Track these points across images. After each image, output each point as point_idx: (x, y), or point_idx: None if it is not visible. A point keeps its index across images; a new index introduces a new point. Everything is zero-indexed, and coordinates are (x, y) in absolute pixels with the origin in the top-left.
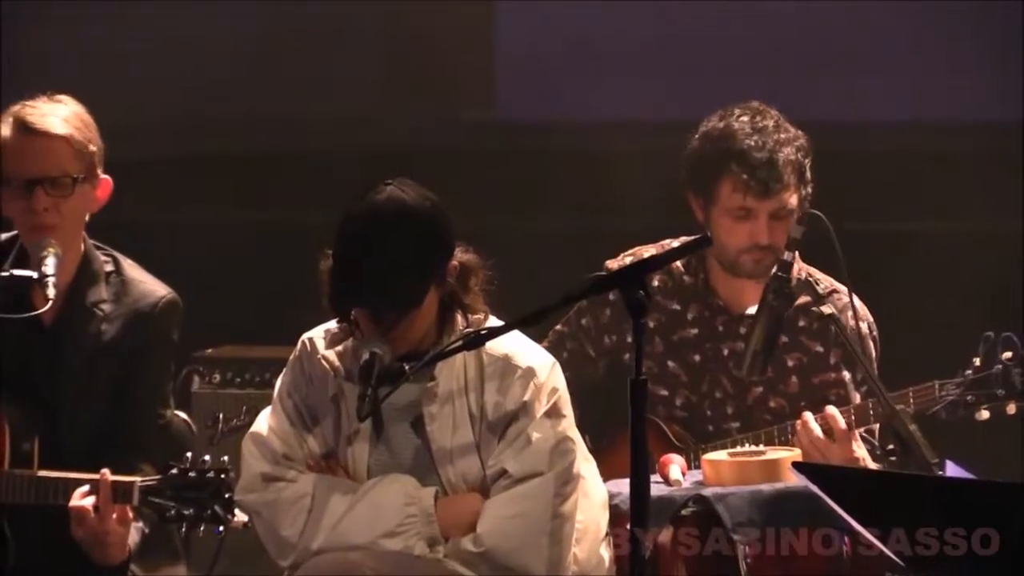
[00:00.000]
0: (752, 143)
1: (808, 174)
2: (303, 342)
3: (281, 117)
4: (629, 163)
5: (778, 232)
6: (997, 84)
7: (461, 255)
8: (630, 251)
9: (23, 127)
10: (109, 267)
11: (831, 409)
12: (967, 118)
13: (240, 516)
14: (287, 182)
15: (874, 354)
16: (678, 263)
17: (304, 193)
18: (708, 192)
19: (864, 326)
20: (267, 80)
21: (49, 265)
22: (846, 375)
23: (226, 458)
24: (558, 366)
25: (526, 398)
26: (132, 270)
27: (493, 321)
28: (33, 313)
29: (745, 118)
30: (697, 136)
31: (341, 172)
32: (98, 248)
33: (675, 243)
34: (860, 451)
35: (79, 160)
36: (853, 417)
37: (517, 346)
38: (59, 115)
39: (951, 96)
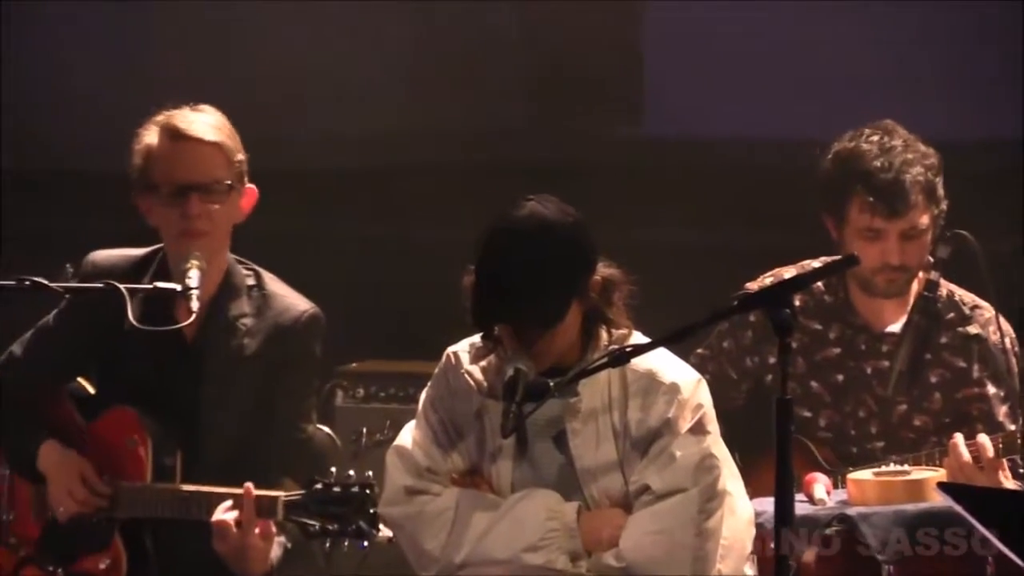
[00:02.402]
0: (879, 164)
1: (940, 192)
2: (448, 356)
3: (429, 132)
4: (773, 180)
5: (910, 252)
6: None
7: (604, 269)
8: (770, 272)
9: (174, 133)
10: (251, 281)
11: (982, 438)
12: None
13: (385, 531)
14: (432, 197)
15: (1016, 369)
16: (819, 283)
17: (449, 208)
18: (839, 213)
19: (1007, 341)
20: (415, 95)
21: (193, 278)
22: (990, 390)
23: (370, 473)
24: (703, 383)
25: (670, 415)
26: (274, 284)
27: (637, 336)
28: (176, 326)
29: (874, 138)
30: (829, 156)
31: (486, 187)
32: (239, 262)
33: (816, 263)
34: (1007, 483)
35: (230, 167)
36: (1001, 445)
37: (662, 362)
38: (208, 122)
39: None
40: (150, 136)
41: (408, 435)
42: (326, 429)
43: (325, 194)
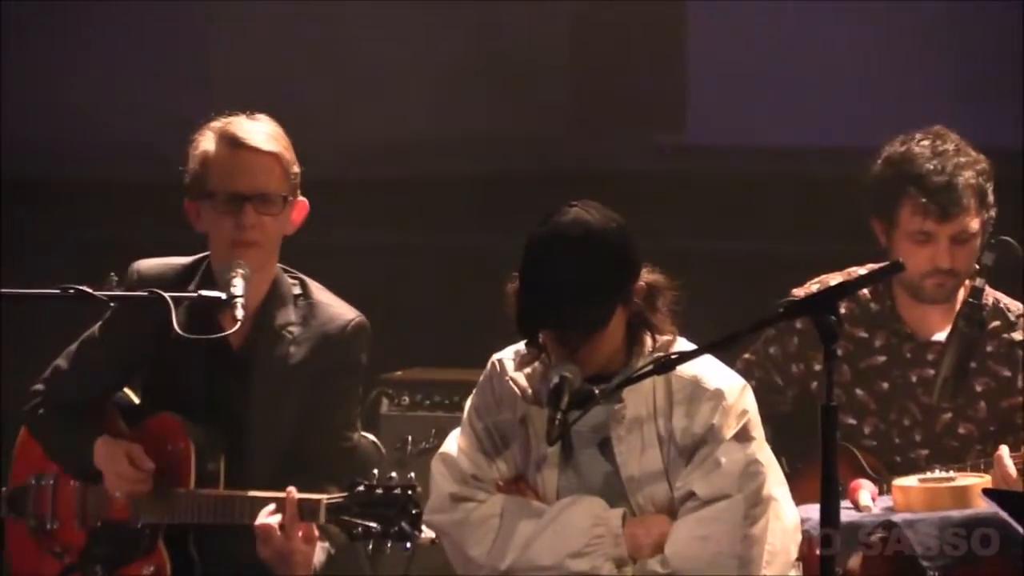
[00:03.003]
0: (931, 167)
1: (990, 198)
2: (493, 363)
3: (469, 139)
4: (816, 187)
5: (960, 256)
6: None
7: (648, 275)
8: (816, 279)
9: (233, 141)
10: (297, 290)
11: None
12: None
13: (428, 532)
14: (477, 205)
15: None
16: (864, 290)
17: (493, 215)
18: (889, 216)
19: None
20: (460, 103)
21: (237, 286)
22: None
23: (413, 474)
24: (748, 389)
25: (714, 421)
26: (320, 293)
27: (681, 342)
28: (222, 334)
29: (926, 142)
30: (879, 161)
31: (530, 195)
32: (285, 271)
33: (861, 270)
34: None
35: (286, 179)
36: None
37: (707, 369)
38: (267, 132)
39: None
40: (207, 142)
41: (453, 442)
42: (371, 437)
43: (371, 203)
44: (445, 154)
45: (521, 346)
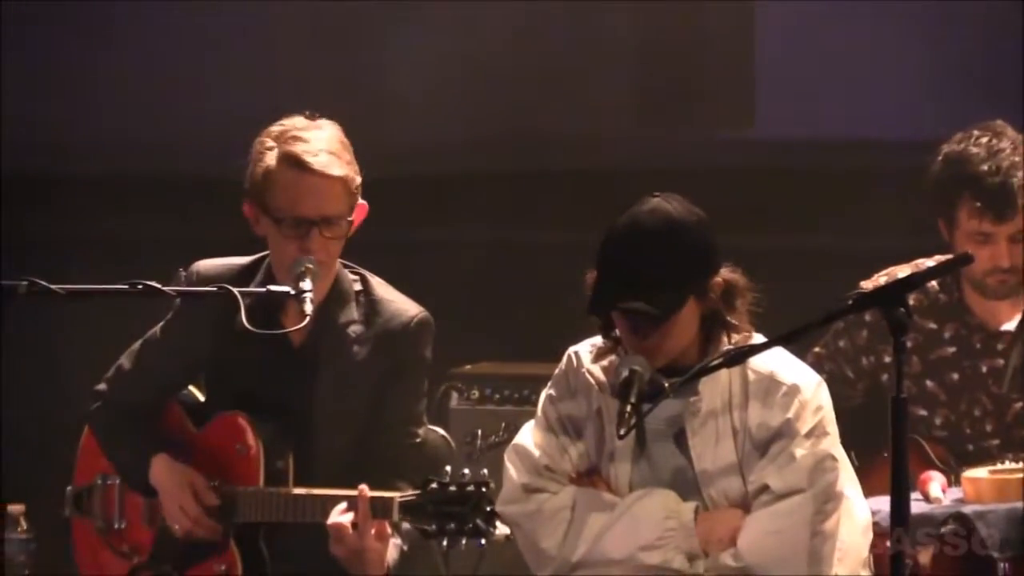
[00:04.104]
0: (986, 168)
1: None
2: (569, 355)
3: (543, 136)
4: (885, 181)
5: (1019, 254)
6: None
7: (727, 273)
8: (884, 271)
9: (298, 163)
10: (358, 286)
11: None
12: None
13: (502, 529)
14: (547, 200)
15: None
16: (933, 282)
17: (564, 211)
18: (949, 216)
19: None
20: (525, 99)
21: (307, 282)
22: None
23: (485, 471)
24: (824, 384)
25: (790, 415)
26: (381, 289)
27: (758, 340)
28: (290, 329)
29: (983, 140)
30: (939, 159)
31: (601, 191)
32: (346, 266)
33: (930, 262)
34: None
35: (350, 198)
36: None
37: (782, 364)
38: (331, 150)
39: None
40: (269, 157)
41: (527, 433)
42: (440, 431)
43: (439, 199)
44: (515, 150)
45: (598, 340)
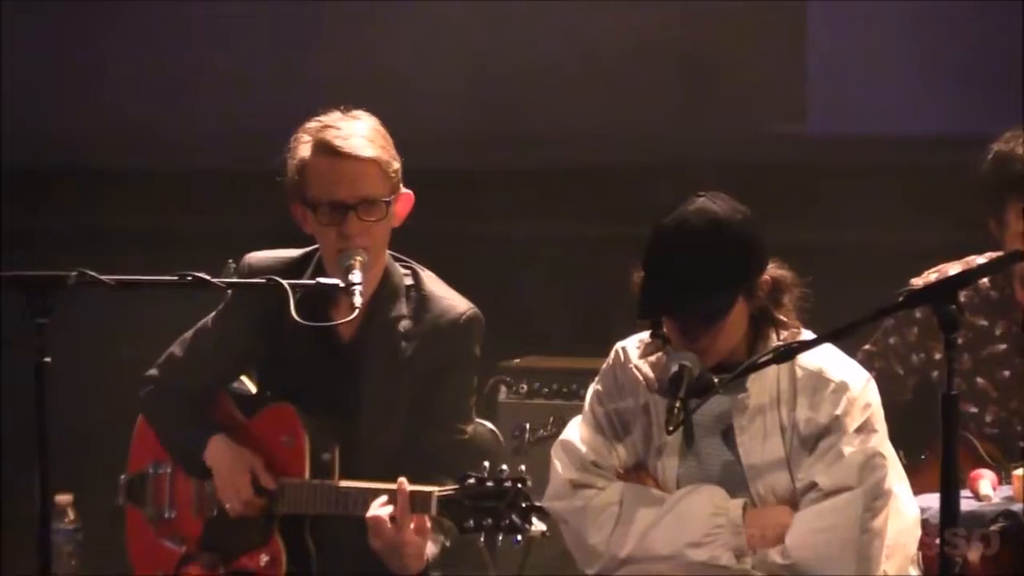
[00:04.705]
0: None
1: None
2: (616, 351)
3: (588, 131)
4: (939, 176)
5: None
6: None
7: (774, 270)
8: (935, 268)
9: (330, 149)
10: (408, 280)
11: None
12: None
13: (539, 525)
14: (596, 195)
15: None
16: (984, 279)
17: (612, 206)
18: (998, 215)
19: None
20: (574, 94)
21: (356, 274)
22: None
23: (523, 467)
24: (872, 382)
25: (838, 412)
26: (432, 284)
27: (806, 337)
28: (339, 321)
29: None
30: (989, 158)
31: (650, 186)
32: (397, 259)
33: (980, 259)
34: None
35: (387, 181)
36: None
37: (831, 360)
38: (364, 135)
39: None
40: (303, 149)
41: (574, 429)
42: (489, 425)
43: (489, 192)
44: (563, 145)
45: (645, 335)
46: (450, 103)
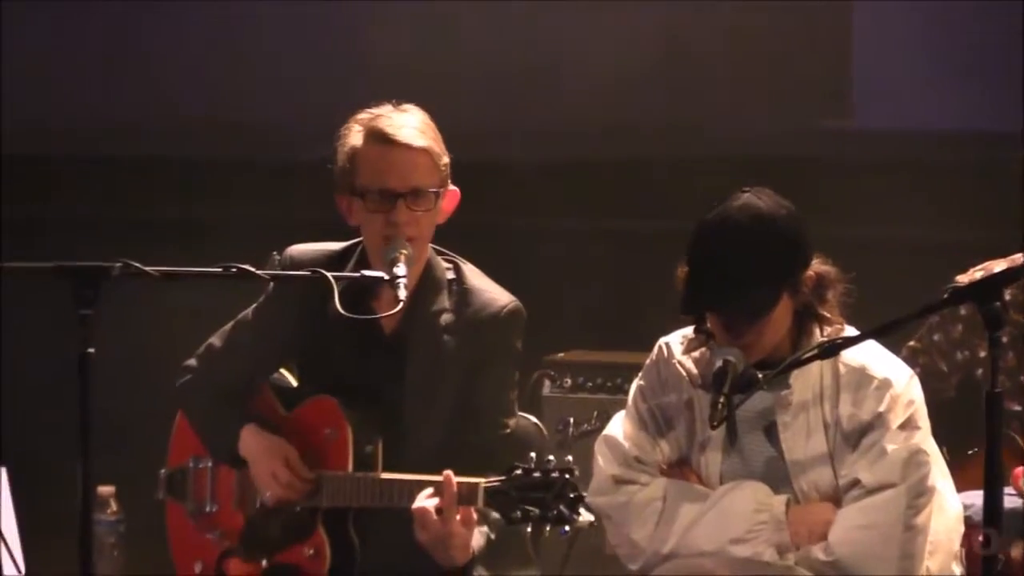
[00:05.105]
0: None
1: None
2: (660, 346)
3: (635, 125)
4: (984, 173)
5: None
6: None
7: (818, 266)
8: (980, 265)
9: (381, 138)
10: (451, 274)
11: None
12: None
13: (586, 516)
14: (641, 189)
15: None
16: None
17: (658, 200)
18: None
19: None
20: (623, 90)
21: (401, 267)
22: None
23: (570, 457)
24: (915, 378)
25: (881, 409)
26: (474, 277)
27: (850, 332)
28: (383, 314)
29: None
30: None
31: (696, 180)
32: (439, 253)
33: None
34: None
35: (437, 173)
36: None
37: (874, 357)
38: (415, 126)
39: None
40: (354, 138)
41: (618, 424)
42: (532, 419)
43: (534, 187)
44: (609, 140)
45: (689, 330)
46: (498, 94)
